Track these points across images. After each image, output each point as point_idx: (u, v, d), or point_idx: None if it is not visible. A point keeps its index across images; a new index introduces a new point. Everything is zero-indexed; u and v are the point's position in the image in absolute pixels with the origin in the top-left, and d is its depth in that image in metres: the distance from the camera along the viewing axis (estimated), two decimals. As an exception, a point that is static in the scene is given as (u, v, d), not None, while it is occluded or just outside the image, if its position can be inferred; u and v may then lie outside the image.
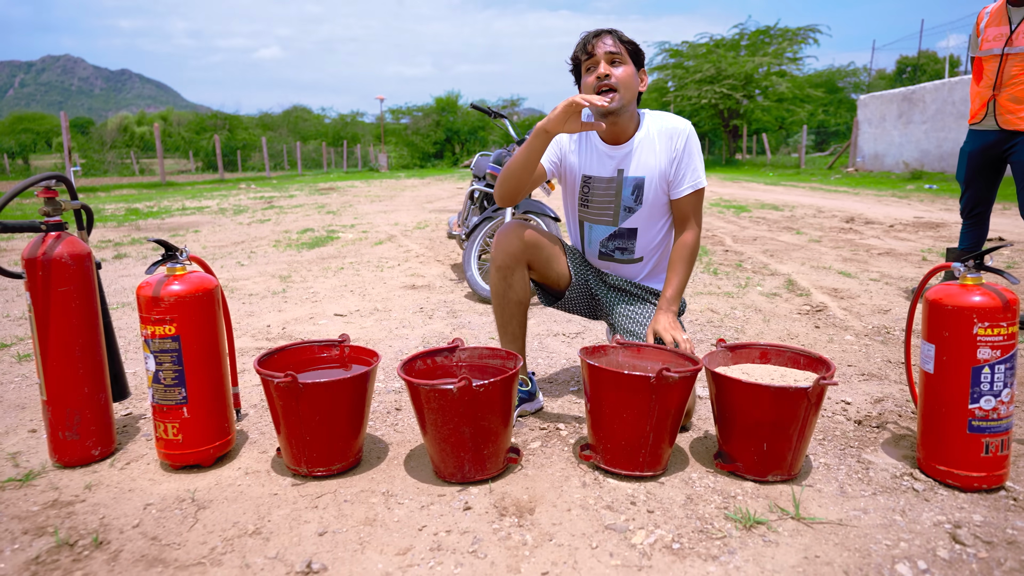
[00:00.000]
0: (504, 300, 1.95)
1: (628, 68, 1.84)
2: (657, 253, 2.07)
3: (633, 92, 1.87)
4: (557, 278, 2.05)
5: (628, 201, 1.97)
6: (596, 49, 1.83)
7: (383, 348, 2.78)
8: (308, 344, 1.75)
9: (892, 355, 2.65)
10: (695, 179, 1.93)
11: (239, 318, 3.37)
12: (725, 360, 1.72)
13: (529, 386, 1.98)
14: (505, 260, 1.91)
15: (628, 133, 1.94)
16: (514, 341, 1.98)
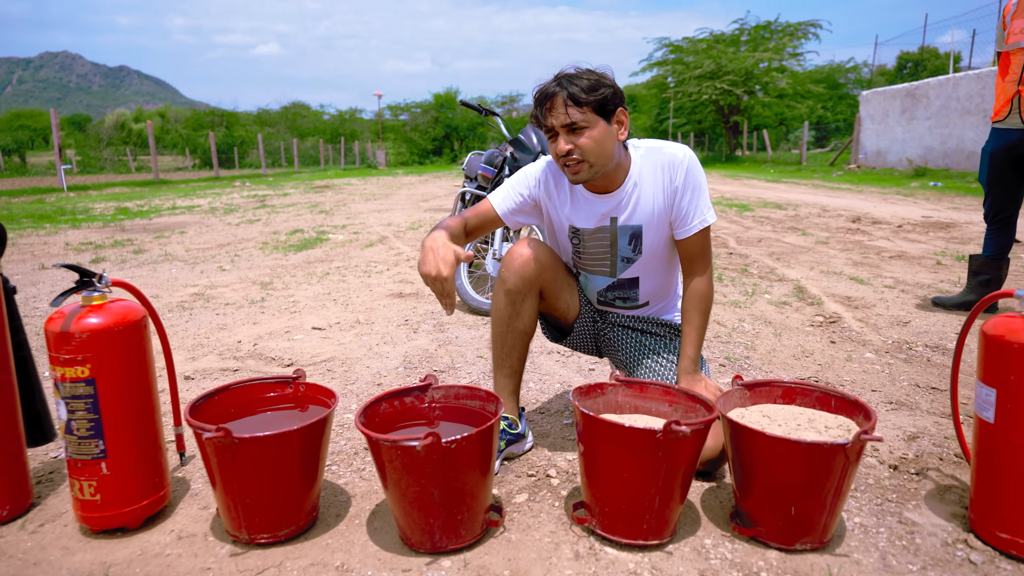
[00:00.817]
0: (508, 329, 1.69)
1: (594, 131, 1.52)
2: (665, 292, 1.83)
3: (607, 151, 1.56)
4: (566, 308, 1.81)
5: (625, 251, 1.71)
6: (550, 121, 1.54)
7: (360, 369, 2.53)
8: (256, 382, 1.50)
9: (919, 377, 2.41)
10: (701, 216, 1.65)
11: (209, 332, 3.12)
12: (742, 400, 1.47)
13: (518, 427, 1.73)
14: (518, 284, 1.65)
15: (616, 181, 1.66)
16: (511, 376, 1.74)
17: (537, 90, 1.55)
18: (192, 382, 2.38)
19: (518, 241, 1.70)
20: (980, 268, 3.32)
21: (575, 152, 1.53)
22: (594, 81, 1.51)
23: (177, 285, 4.35)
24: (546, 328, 1.89)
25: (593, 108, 1.51)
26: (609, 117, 1.55)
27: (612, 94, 1.53)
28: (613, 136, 1.57)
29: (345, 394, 2.25)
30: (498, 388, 1.75)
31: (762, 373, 2.47)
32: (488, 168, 3.87)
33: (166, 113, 56.68)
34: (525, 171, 1.77)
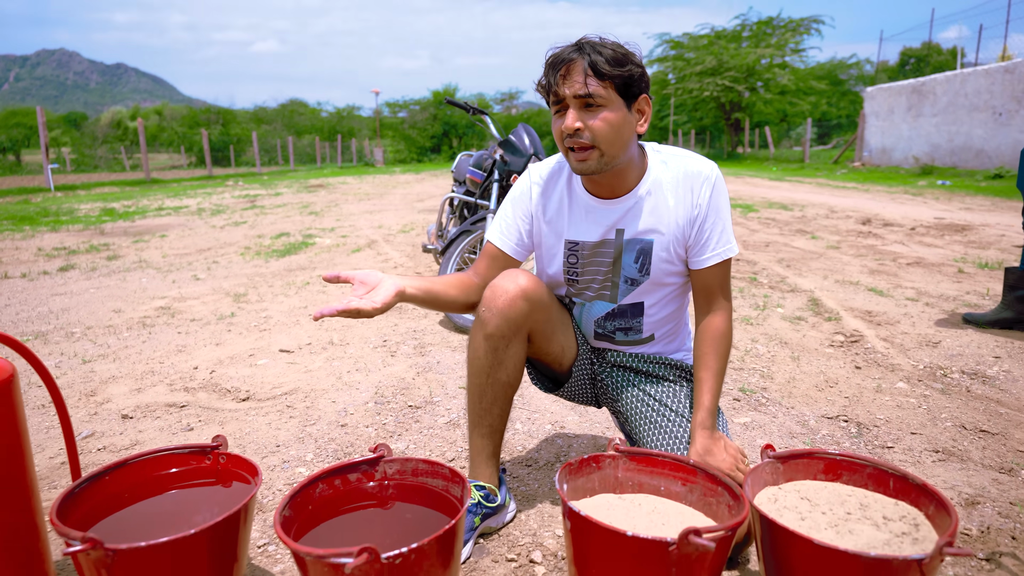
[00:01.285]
0: (488, 381, 1.38)
1: (611, 113, 1.25)
2: (673, 326, 1.53)
3: (623, 140, 1.29)
4: (560, 352, 1.49)
5: (630, 271, 1.42)
6: (563, 89, 1.26)
7: (323, 405, 2.22)
8: (165, 453, 1.20)
9: (963, 414, 2.11)
10: (724, 244, 1.38)
11: (165, 355, 2.81)
12: (775, 476, 1.17)
13: (496, 497, 1.42)
14: (501, 327, 1.34)
15: (628, 183, 1.38)
16: (491, 436, 1.42)
17: (552, 53, 1.28)
18: (129, 423, 2.07)
19: (502, 273, 1.39)
20: (1018, 282, 3.01)
21: (585, 133, 1.26)
22: (621, 55, 1.25)
23: (144, 297, 4.04)
24: (535, 376, 1.58)
25: (615, 86, 1.25)
26: (631, 102, 1.29)
27: (640, 75, 1.28)
28: (632, 125, 1.31)
29: (302, 439, 1.95)
30: (474, 451, 1.44)
31: (783, 409, 2.17)
32: (476, 172, 3.56)
33: (163, 111, 56.35)
34: (511, 193, 1.51)
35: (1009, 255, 5.02)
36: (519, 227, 1.48)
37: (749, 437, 1.96)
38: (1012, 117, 13.54)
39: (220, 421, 2.07)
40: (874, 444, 1.89)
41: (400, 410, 2.17)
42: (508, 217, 1.49)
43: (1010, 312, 3.02)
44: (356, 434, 1.97)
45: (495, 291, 1.34)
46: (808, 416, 2.11)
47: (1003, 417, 2.08)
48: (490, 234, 1.50)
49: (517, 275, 1.36)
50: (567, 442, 1.93)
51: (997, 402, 2.22)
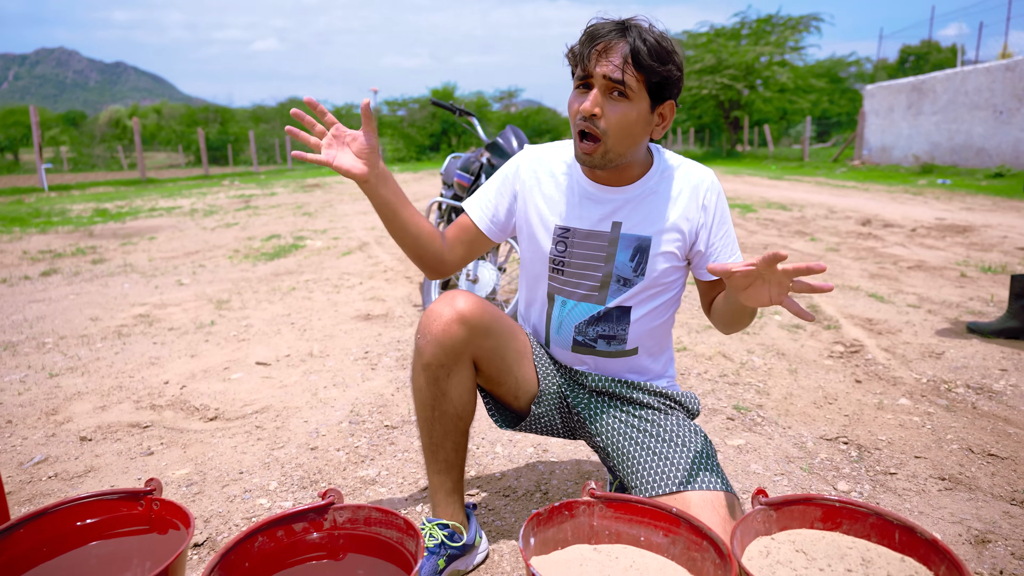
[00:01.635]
0: (434, 415, 1.26)
1: (632, 108, 1.16)
2: (658, 344, 1.40)
3: (632, 141, 1.20)
4: (515, 387, 1.34)
5: (624, 269, 1.30)
6: (594, 67, 1.15)
7: (295, 425, 2.11)
8: (89, 500, 1.08)
9: (969, 435, 1.99)
10: (732, 252, 1.32)
11: (136, 368, 2.70)
12: (767, 525, 1.05)
13: (463, 535, 1.30)
14: (438, 355, 1.21)
15: (631, 175, 1.29)
16: (448, 471, 1.30)
17: (594, 24, 1.18)
18: (87, 446, 1.96)
19: (441, 295, 1.26)
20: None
21: (600, 122, 1.17)
22: (665, 51, 1.15)
23: (124, 304, 3.93)
24: (491, 409, 1.41)
25: (648, 82, 1.15)
26: (657, 103, 1.20)
27: (676, 78, 1.19)
28: (649, 127, 1.22)
29: (267, 464, 1.84)
30: (432, 488, 1.32)
31: (779, 430, 2.06)
32: (464, 175, 3.45)
33: (161, 109, 56.20)
34: (502, 167, 1.39)
35: (1013, 258, 4.91)
36: (498, 203, 1.36)
37: (743, 462, 1.84)
38: (1013, 115, 13.42)
39: (183, 444, 1.96)
40: (876, 470, 1.78)
41: (375, 431, 2.05)
42: (490, 191, 1.37)
43: (1016, 321, 2.91)
44: (326, 459, 1.86)
45: (430, 316, 1.22)
46: (806, 437, 2.00)
47: (1012, 438, 1.97)
48: (467, 203, 1.39)
49: (455, 297, 1.23)
50: (549, 469, 1.82)
51: (1005, 420, 2.10)
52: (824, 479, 1.74)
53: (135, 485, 1.70)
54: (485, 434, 2.04)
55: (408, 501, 1.64)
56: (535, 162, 1.36)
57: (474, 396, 1.30)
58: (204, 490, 1.68)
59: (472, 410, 1.30)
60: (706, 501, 1.17)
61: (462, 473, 1.33)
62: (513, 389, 1.34)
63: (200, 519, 1.55)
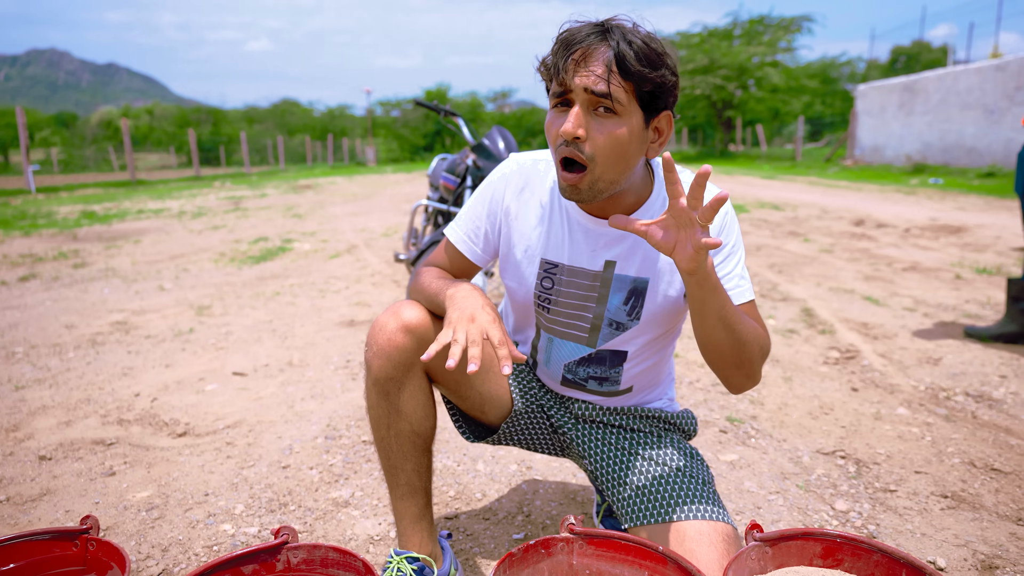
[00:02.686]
0: (391, 432, 1.16)
1: (622, 125, 0.96)
2: (656, 376, 1.28)
3: (625, 166, 1.01)
4: (480, 402, 1.23)
5: (617, 313, 1.15)
6: (572, 79, 0.96)
7: (267, 441, 2.01)
8: (20, 541, 0.99)
9: (971, 447, 1.92)
10: (736, 283, 1.09)
11: (107, 379, 2.60)
12: (762, 562, 0.97)
13: (435, 569, 1.20)
14: (385, 368, 1.10)
15: (625, 205, 1.10)
16: (412, 495, 1.20)
17: (568, 28, 0.99)
18: (45, 465, 1.86)
19: (389, 306, 1.15)
20: (1021, 293, 2.83)
21: (585, 146, 0.97)
22: (656, 52, 0.96)
23: (102, 310, 3.82)
24: (458, 420, 1.29)
25: (639, 92, 0.96)
26: (651, 116, 1.00)
27: (671, 85, 0.99)
28: (643, 146, 1.02)
29: (235, 484, 1.74)
30: (396, 516, 1.22)
31: (774, 443, 1.97)
32: (450, 177, 3.36)
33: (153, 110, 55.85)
34: (485, 181, 1.22)
35: (1007, 259, 4.86)
36: (486, 229, 1.21)
37: (736, 479, 1.76)
38: (1003, 115, 13.42)
39: (148, 463, 1.86)
40: (875, 487, 1.70)
41: (351, 446, 1.96)
42: (473, 215, 1.21)
43: (1015, 325, 2.84)
44: (297, 479, 1.77)
45: (375, 328, 1.12)
46: (802, 451, 1.91)
47: (1014, 450, 1.89)
48: (450, 230, 1.24)
49: (401, 307, 1.12)
50: (532, 488, 1.73)
51: (1007, 431, 2.03)
52: (821, 497, 1.66)
53: (91, 509, 1.60)
54: (467, 450, 1.95)
55: (382, 526, 1.55)
56: (521, 181, 1.18)
57: (432, 411, 1.19)
58: (165, 514, 1.58)
59: (431, 426, 1.19)
60: (703, 534, 1.07)
61: (429, 497, 1.23)
62: (478, 403, 1.23)
63: (158, 548, 1.45)
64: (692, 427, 1.34)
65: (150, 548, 1.45)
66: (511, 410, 1.27)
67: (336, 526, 1.54)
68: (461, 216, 1.24)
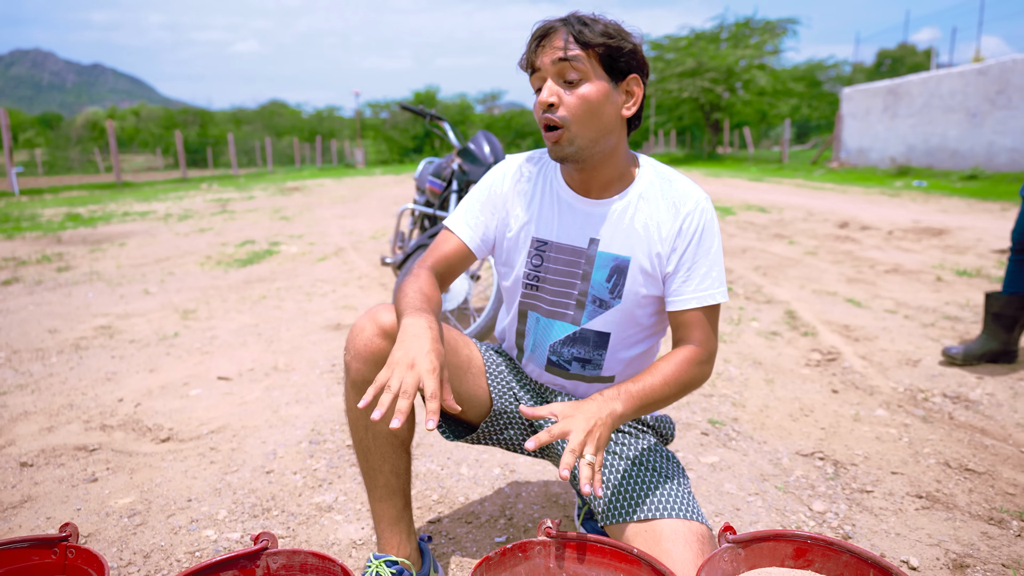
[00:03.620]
0: (369, 434, 1.20)
1: (591, 88, 1.10)
2: (638, 367, 1.31)
3: (603, 123, 1.12)
4: (460, 402, 1.26)
5: (600, 290, 1.22)
6: (540, 58, 1.11)
7: (251, 446, 2.01)
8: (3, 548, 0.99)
9: (946, 448, 1.95)
10: (708, 288, 1.17)
11: (90, 385, 2.59)
12: (735, 564, 0.99)
13: (414, 573, 1.22)
14: (363, 371, 1.16)
15: (610, 184, 1.20)
16: (391, 497, 1.23)
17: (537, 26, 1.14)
18: (27, 472, 1.85)
19: (367, 310, 1.20)
20: (1004, 308, 2.76)
21: (559, 110, 1.10)
22: (613, 28, 1.11)
23: (86, 314, 3.80)
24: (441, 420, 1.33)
25: (599, 57, 1.10)
26: (618, 79, 1.13)
27: (629, 50, 1.12)
28: (617, 106, 1.14)
29: (219, 490, 1.74)
30: (375, 518, 1.25)
31: (755, 445, 2.00)
32: (436, 181, 3.37)
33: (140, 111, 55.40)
34: (484, 178, 1.32)
35: (987, 261, 4.93)
36: (486, 219, 1.28)
37: (717, 480, 1.78)
38: (985, 118, 13.61)
39: (131, 469, 1.86)
40: (852, 488, 1.73)
41: (336, 451, 1.97)
42: (474, 206, 1.29)
43: (996, 343, 2.76)
44: (281, 483, 1.77)
45: (353, 332, 1.18)
46: (781, 453, 1.94)
47: (989, 451, 1.93)
48: (452, 222, 1.29)
49: (378, 311, 1.17)
50: (515, 491, 1.74)
51: (982, 432, 2.07)
52: (799, 499, 1.68)
53: (72, 516, 1.60)
54: (451, 453, 1.96)
55: (365, 531, 1.56)
56: (516, 173, 1.29)
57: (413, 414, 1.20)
58: (148, 520, 1.58)
59: (408, 428, 1.23)
60: (678, 534, 1.09)
61: (407, 499, 1.26)
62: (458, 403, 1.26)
63: (140, 554, 1.45)
64: (670, 432, 1.37)
65: (132, 554, 1.45)
66: (491, 410, 1.30)
67: (319, 531, 1.55)
68: (460, 207, 1.32)
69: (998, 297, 2.69)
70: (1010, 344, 2.71)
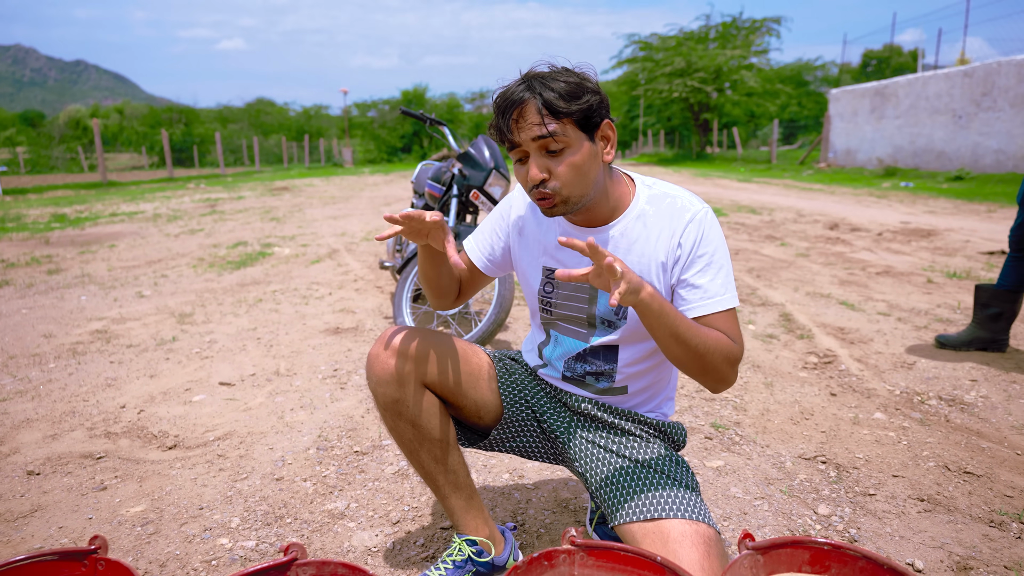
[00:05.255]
0: (414, 445, 1.30)
1: (576, 154, 1.13)
2: (655, 384, 1.36)
3: (590, 181, 1.17)
4: (476, 408, 1.34)
5: (605, 312, 1.27)
6: (518, 136, 1.13)
7: (259, 452, 2.02)
8: (27, 562, 0.99)
9: (945, 451, 1.99)
10: (713, 295, 1.18)
11: (91, 391, 2.57)
12: (754, 572, 1.01)
13: (490, 551, 1.33)
14: (389, 394, 1.25)
15: (605, 213, 1.25)
16: (455, 491, 1.33)
17: (499, 94, 1.16)
18: (34, 481, 1.84)
19: (378, 337, 1.29)
20: (990, 300, 2.92)
21: (551, 182, 1.14)
22: (575, 84, 1.12)
23: (80, 318, 3.77)
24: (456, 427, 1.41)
25: (575, 121, 1.12)
26: (593, 132, 1.15)
27: (598, 103, 1.14)
28: (598, 158, 1.18)
29: (230, 498, 1.74)
30: (449, 513, 1.36)
31: (758, 449, 2.03)
32: (435, 186, 3.38)
33: (124, 109, 54.80)
34: (502, 203, 1.40)
35: (976, 263, 5.01)
36: (493, 242, 1.39)
37: (723, 485, 1.81)
38: (971, 120, 13.80)
39: (139, 477, 1.86)
40: (855, 491, 1.76)
41: (344, 457, 1.97)
42: (486, 230, 1.41)
43: (984, 332, 2.93)
44: (292, 491, 1.78)
45: (370, 360, 1.27)
46: (784, 457, 1.97)
47: (986, 453, 1.97)
48: (466, 242, 1.43)
49: (389, 335, 1.26)
50: (525, 497, 1.76)
51: (978, 434, 2.11)
52: (804, 502, 1.71)
53: (85, 525, 1.60)
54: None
55: (379, 537, 1.57)
56: (525, 201, 1.35)
57: (444, 416, 1.31)
58: (160, 529, 1.59)
59: (448, 429, 1.32)
60: (685, 535, 1.13)
61: (471, 490, 1.36)
62: (474, 410, 1.36)
63: (156, 564, 1.45)
64: (681, 438, 1.40)
65: (147, 564, 1.45)
66: (502, 416, 1.37)
67: (333, 538, 1.56)
68: (477, 231, 1.43)
69: (987, 289, 2.89)
70: (998, 334, 2.90)
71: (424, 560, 1.48)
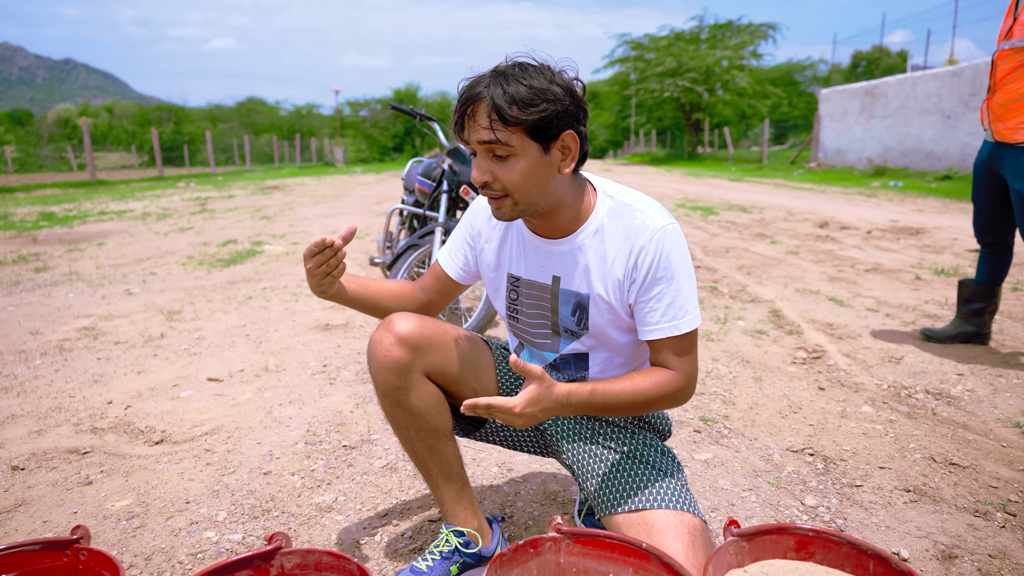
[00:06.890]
0: (410, 433, 1.29)
1: (521, 161, 1.09)
2: None
3: (539, 190, 1.13)
4: (473, 395, 1.35)
5: (568, 322, 1.27)
6: (467, 134, 1.11)
7: (247, 447, 2.00)
8: (8, 552, 0.98)
9: (931, 443, 2.01)
10: (673, 319, 1.16)
11: (77, 387, 2.55)
12: (739, 556, 1.01)
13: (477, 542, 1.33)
14: (389, 380, 1.23)
15: (564, 225, 1.21)
16: (448, 481, 1.33)
17: (463, 84, 1.11)
18: (19, 476, 1.82)
19: (382, 321, 1.26)
20: (973, 296, 2.95)
21: (495, 184, 1.13)
22: (535, 92, 1.06)
23: (68, 316, 3.74)
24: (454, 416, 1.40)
25: (526, 130, 1.07)
26: (549, 143, 1.10)
27: (555, 113, 1.08)
28: (552, 168, 1.13)
29: (217, 492, 1.73)
30: (438, 503, 1.36)
31: (746, 442, 2.04)
32: (425, 182, 3.37)
33: (113, 108, 54.47)
34: (470, 209, 1.40)
35: (963, 260, 5.05)
36: (465, 251, 1.38)
37: (711, 477, 1.82)
38: (959, 120, 13.91)
39: (125, 471, 1.84)
40: (842, 482, 1.77)
41: (332, 451, 1.97)
42: (457, 238, 1.40)
43: (968, 326, 2.97)
44: (279, 484, 1.77)
45: (372, 345, 1.24)
46: (772, 449, 1.98)
47: (971, 445, 1.99)
48: (439, 252, 1.42)
49: (392, 321, 1.24)
50: (514, 490, 1.76)
51: (964, 427, 2.13)
52: (792, 494, 1.72)
53: (69, 520, 1.58)
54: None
55: (367, 530, 1.57)
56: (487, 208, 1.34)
57: (443, 406, 1.30)
58: (146, 523, 1.57)
59: (445, 419, 1.30)
60: (670, 525, 1.13)
61: (463, 481, 1.35)
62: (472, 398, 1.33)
63: (141, 557, 1.44)
64: (667, 428, 1.41)
65: (132, 557, 1.44)
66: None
67: (321, 531, 1.55)
68: (448, 242, 1.42)
69: (969, 284, 2.96)
70: (982, 327, 2.96)
71: (411, 552, 1.48)
